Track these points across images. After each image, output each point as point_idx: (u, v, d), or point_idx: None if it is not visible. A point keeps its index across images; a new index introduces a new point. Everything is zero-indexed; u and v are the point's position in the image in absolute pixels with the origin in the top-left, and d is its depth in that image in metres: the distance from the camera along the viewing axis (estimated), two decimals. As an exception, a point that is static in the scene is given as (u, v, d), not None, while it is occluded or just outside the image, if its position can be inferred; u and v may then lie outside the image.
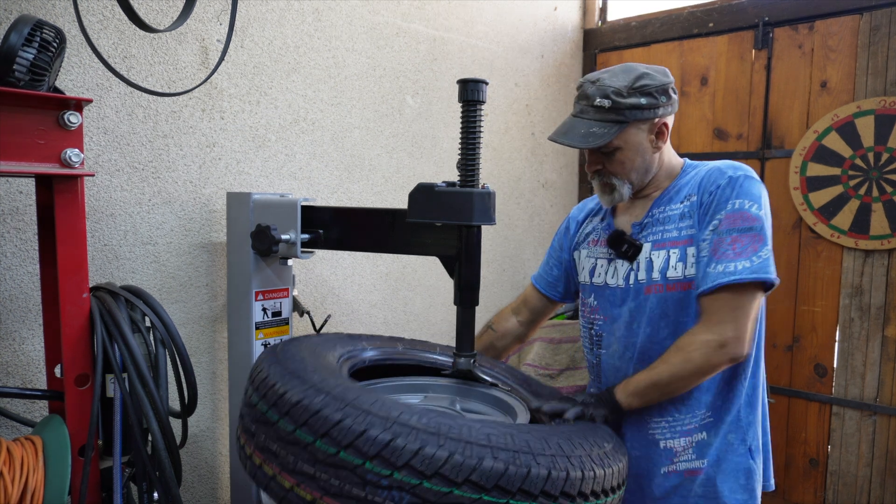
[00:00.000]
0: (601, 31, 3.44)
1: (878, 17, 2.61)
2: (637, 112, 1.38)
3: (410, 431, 0.96)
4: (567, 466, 1.01)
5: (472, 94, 1.35)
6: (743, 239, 1.26)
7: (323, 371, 1.17)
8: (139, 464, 1.31)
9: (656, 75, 1.40)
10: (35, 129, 1.13)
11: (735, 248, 1.26)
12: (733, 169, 1.36)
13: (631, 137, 1.41)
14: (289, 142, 2.10)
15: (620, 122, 1.38)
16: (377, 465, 0.94)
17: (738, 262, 1.25)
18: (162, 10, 1.74)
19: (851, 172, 2.68)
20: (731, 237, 1.27)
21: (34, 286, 1.55)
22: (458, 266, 1.40)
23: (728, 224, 1.29)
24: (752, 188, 1.33)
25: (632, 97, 1.37)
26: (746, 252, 1.25)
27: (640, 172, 1.45)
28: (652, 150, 1.44)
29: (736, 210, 1.29)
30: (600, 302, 1.54)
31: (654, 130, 1.42)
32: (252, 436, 1.12)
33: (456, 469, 0.93)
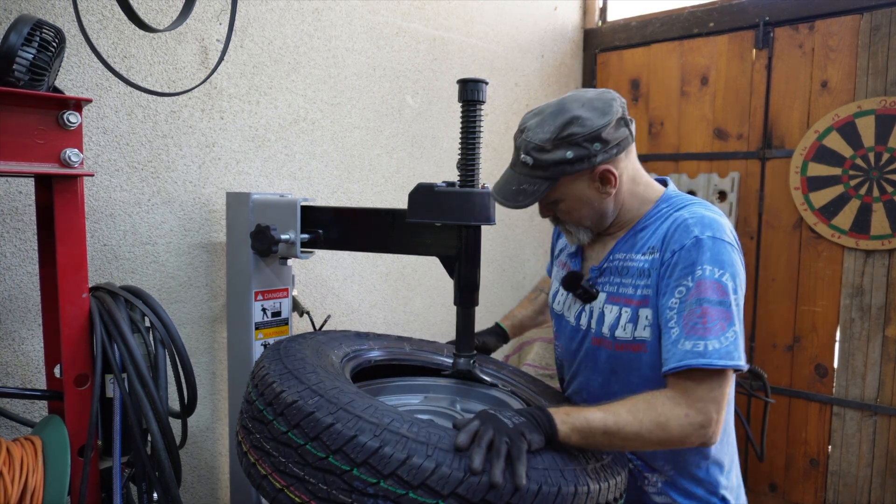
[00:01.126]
0: (601, 31, 3.44)
1: (879, 16, 2.61)
2: (565, 167, 1.22)
3: (399, 440, 0.95)
4: (559, 481, 0.98)
5: (472, 94, 1.35)
6: (713, 313, 1.12)
7: (322, 372, 1.16)
8: (139, 464, 1.31)
9: (589, 119, 1.20)
10: (35, 129, 1.13)
11: (705, 323, 1.12)
12: (701, 227, 1.19)
13: (568, 189, 1.27)
14: (288, 142, 2.10)
15: (547, 178, 1.24)
16: (364, 472, 0.93)
17: (709, 342, 1.11)
18: (162, 10, 1.74)
19: (852, 172, 2.68)
20: (700, 309, 1.13)
21: (34, 286, 1.55)
22: (458, 266, 1.40)
23: (697, 294, 1.14)
24: (722, 253, 1.17)
25: (557, 150, 1.21)
26: (715, 329, 1.12)
27: (594, 218, 1.32)
28: (601, 197, 1.28)
29: (705, 278, 1.14)
30: (559, 330, 1.48)
31: (595, 178, 1.25)
32: (248, 433, 1.13)
33: (443, 481, 0.91)
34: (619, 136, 1.23)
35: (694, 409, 1.10)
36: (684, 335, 1.13)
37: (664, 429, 1.09)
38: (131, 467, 1.33)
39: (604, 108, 1.21)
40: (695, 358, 1.11)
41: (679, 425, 1.10)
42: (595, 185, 1.26)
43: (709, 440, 1.11)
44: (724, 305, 1.13)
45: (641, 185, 1.33)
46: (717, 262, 1.15)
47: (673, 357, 1.14)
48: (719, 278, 1.14)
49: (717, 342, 1.10)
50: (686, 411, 1.10)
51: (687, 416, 1.10)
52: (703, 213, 1.22)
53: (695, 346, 1.11)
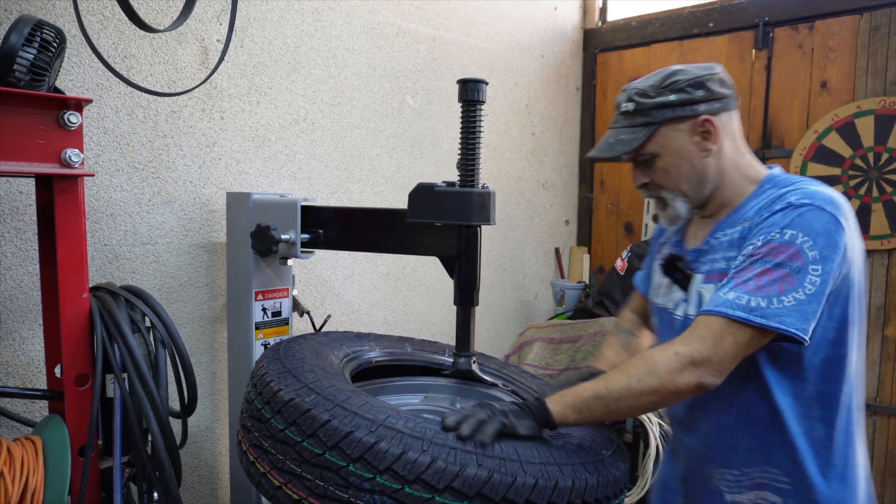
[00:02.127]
0: (601, 31, 3.44)
1: (878, 17, 2.61)
2: (666, 110, 1.19)
3: (395, 435, 0.95)
4: (557, 475, 0.98)
5: (472, 94, 1.35)
6: (773, 273, 1.04)
7: (320, 371, 1.17)
8: (139, 464, 1.31)
9: (691, 70, 1.21)
10: (35, 129, 1.13)
11: (759, 280, 1.04)
12: (800, 195, 1.10)
13: (668, 141, 1.21)
14: (289, 142, 2.10)
15: (649, 123, 1.21)
16: (360, 467, 0.94)
17: (754, 297, 1.03)
18: (162, 10, 1.74)
19: (851, 172, 2.68)
20: (761, 267, 1.06)
21: (34, 286, 1.55)
22: (457, 266, 1.40)
23: (764, 253, 1.07)
24: (815, 222, 1.06)
25: (660, 96, 1.20)
26: (769, 289, 1.04)
27: (693, 182, 1.23)
28: (700, 154, 1.21)
29: (784, 242, 1.06)
30: (660, 324, 1.37)
31: (696, 130, 1.20)
32: (248, 432, 1.13)
33: (438, 475, 0.92)
34: (723, 92, 1.21)
35: (687, 347, 1.02)
36: (732, 286, 1.06)
37: (652, 373, 1.03)
38: (131, 467, 1.33)
39: (706, 66, 1.23)
40: (728, 308, 1.03)
41: (666, 366, 1.02)
42: (695, 139, 1.20)
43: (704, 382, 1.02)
44: (793, 271, 1.04)
45: (745, 159, 1.25)
46: (805, 229, 1.06)
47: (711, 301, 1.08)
48: (800, 244, 1.05)
49: (764, 300, 1.03)
50: (677, 349, 1.03)
51: (677, 353, 1.03)
52: (810, 188, 1.12)
53: (737, 298, 1.04)
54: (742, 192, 1.24)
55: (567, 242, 3.55)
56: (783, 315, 1.03)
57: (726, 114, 1.23)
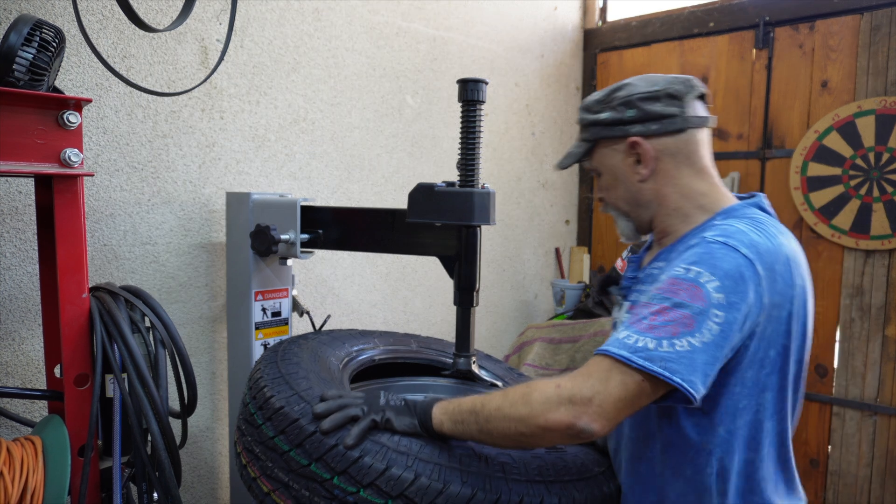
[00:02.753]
0: (601, 31, 3.44)
1: (879, 16, 2.61)
2: (599, 129, 1.15)
3: (379, 450, 0.95)
4: (543, 494, 0.97)
5: (472, 94, 1.35)
6: (670, 313, 0.92)
7: (314, 377, 1.17)
8: (139, 464, 1.31)
9: (638, 85, 1.12)
10: (35, 129, 1.13)
11: (653, 320, 0.93)
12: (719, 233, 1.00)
13: (604, 160, 1.18)
14: (288, 142, 2.10)
15: (587, 140, 1.18)
16: (344, 481, 0.94)
17: (643, 338, 0.91)
18: (162, 10, 1.74)
19: (852, 172, 2.68)
20: (659, 305, 0.94)
21: (34, 286, 1.55)
22: (457, 266, 1.40)
23: (665, 289, 0.96)
24: (724, 262, 0.95)
25: (598, 112, 1.15)
26: (662, 330, 0.91)
27: (631, 205, 1.17)
28: (634, 178, 1.14)
29: (687, 279, 0.95)
30: None
31: (629, 152, 1.13)
32: (242, 435, 1.14)
33: (421, 492, 0.91)
34: (663, 112, 1.09)
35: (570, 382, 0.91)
36: (627, 325, 0.95)
37: (527, 401, 0.92)
38: (131, 467, 1.33)
39: (655, 81, 1.12)
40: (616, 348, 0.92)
41: (544, 395, 0.91)
42: (629, 160, 1.14)
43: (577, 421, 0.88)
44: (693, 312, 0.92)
45: (701, 186, 1.13)
46: (710, 265, 0.95)
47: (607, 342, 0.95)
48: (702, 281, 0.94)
49: (652, 342, 0.90)
50: (558, 381, 0.92)
51: (558, 386, 0.91)
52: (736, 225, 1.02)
53: (627, 338, 0.92)
54: (690, 221, 1.12)
55: (567, 242, 3.54)
56: (669, 360, 0.89)
57: (673, 137, 1.11)
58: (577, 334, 2.74)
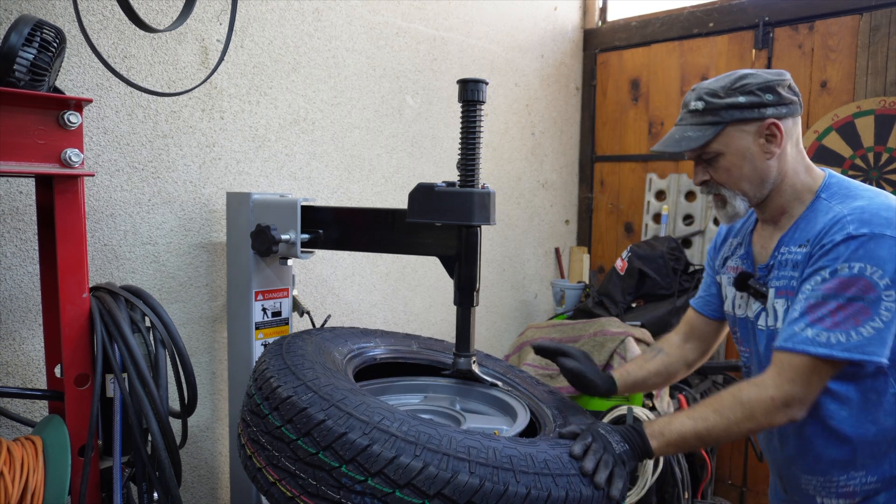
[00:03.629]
0: (601, 31, 3.44)
1: (878, 17, 2.61)
2: (734, 111, 1.24)
3: (388, 438, 0.95)
4: (550, 486, 0.97)
5: (472, 94, 1.35)
6: (848, 308, 1.10)
7: (320, 368, 1.17)
8: (139, 464, 1.31)
9: (762, 74, 1.26)
10: (35, 129, 1.13)
11: (835, 317, 1.11)
12: (859, 224, 1.14)
13: (733, 141, 1.27)
14: (289, 142, 2.10)
15: (716, 123, 1.26)
16: (352, 469, 0.94)
17: (833, 334, 1.10)
18: (162, 10, 1.74)
19: (851, 172, 2.68)
20: (835, 303, 1.12)
21: (34, 286, 1.55)
22: (457, 266, 1.40)
23: (836, 288, 1.12)
24: (879, 250, 1.11)
25: (729, 97, 1.25)
26: (846, 324, 1.10)
27: (753, 183, 1.29)
28: (763, 156, 1.26)
29: (854, 275, 1.11)
30: (743, 334, 1.43)
31: (762, 133, 1.25)
32: (247, 426, 1.14)
33: (429, 481, 0.92)
34: (790, 97, 1.25)
35: (779, 390, 1.12)
36: (809, 323, 1.13)
37: (751, 418, 1.13)
38: (131, 467, 1.33)
39: (776, 71, 1.26)
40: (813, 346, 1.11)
41: (764, 412, 1.13)
42: (760, 140, 1.26)
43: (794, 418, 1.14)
44: (866, 302, 1.10)
45: (804, 164, 1.30)
46: (871, 259, 1.11)
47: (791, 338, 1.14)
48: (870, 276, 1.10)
49: (843, 335, 1.10)
50: (771, 394, 1.12)
51: (772, 398, 1.12)
52: (863, 206, 1.17)
53: (817, 337, 1.11)
54: (801, 198, 1.29)
55: (567, 242, 3.55)
56: (865, 346, 1.10)
57: (791, 119, 1.27)
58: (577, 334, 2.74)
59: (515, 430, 1.25)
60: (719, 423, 1.14)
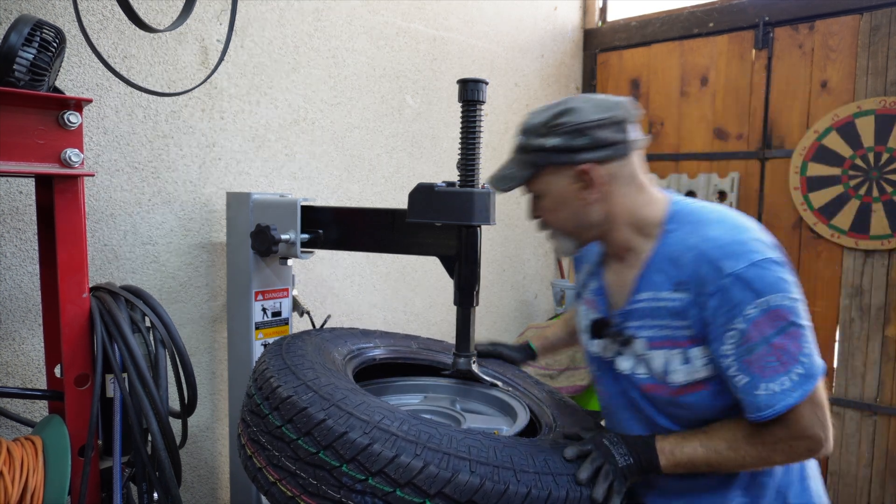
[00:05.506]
0: (601, 31, 3.44)
1: (879, 17, 2.61)
2: (545, 155, 1.14)
3: (388, 438, 0.95)
4: (551, 486, 0.97)
5: (472, 94, 1.35)
6: (785, 342, 1.03)
7: (320, 368, 1.17)
8: (139, 464, 1.31)
9: (585, 110, 1.12)
10: (35, 129, 1.13)
11: (781, 358, 1.03)
12: (733, 259, 1.04)
13: (550, 184, 1.17)
14: (289, 142, 2.10)
15: (532, 164, 1.17)
16: (353, 468, 0.94)
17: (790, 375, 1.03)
18: (162, 10, 1.74)
19: (851, 172, 2.68)
20: (771, 347, 1.03)
21: (34, 286, 1.55)
22: (457, 266, 1.40)
23: (759, 332, 1.03)
24: (766, 274, 1.03)
25: (544, 137, 1.14)
26: (793, 358, 1.03)
27: (577, 226, 1.19)
28: (580, 203, 1.16)
29: (765, 311, 1.03)
30: (599, 374, 1.30)
31: (577, 178, 1.14)
32: (247, 426, 1.14)
33: (430, 480, 0.92)
34: (613, 139, 1.12)
35: (801, 439, 1.06)
36: (762, 379, 1.04)
37: (769, 461, 1.09)
38: (131, 467, 1.33)
39: (603, 106, 1.12)
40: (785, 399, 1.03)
41: (785, 457, 1.08)
42: (575, 185, 1.15)
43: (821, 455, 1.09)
44: (792, 326, 1.03)
45: (643, 199, 1.18)
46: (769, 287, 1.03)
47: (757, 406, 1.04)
48: (780, 304, 1.03)
49: (800, 368, 1.03)
50: (791, 443, 1.06)
51: (792, 447, 1.07)
52: (720, 236, 1.08)
53: (782, 386, 1.03)
54: (645, 232, 1.17)
55: (567, 242, 3.54)
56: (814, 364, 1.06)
57: (618, 161, 1.14)
58: (576, 334, 2.73)
59: (515, 430, 1.25)
60: (734, 459, 1.08)
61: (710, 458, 1.08)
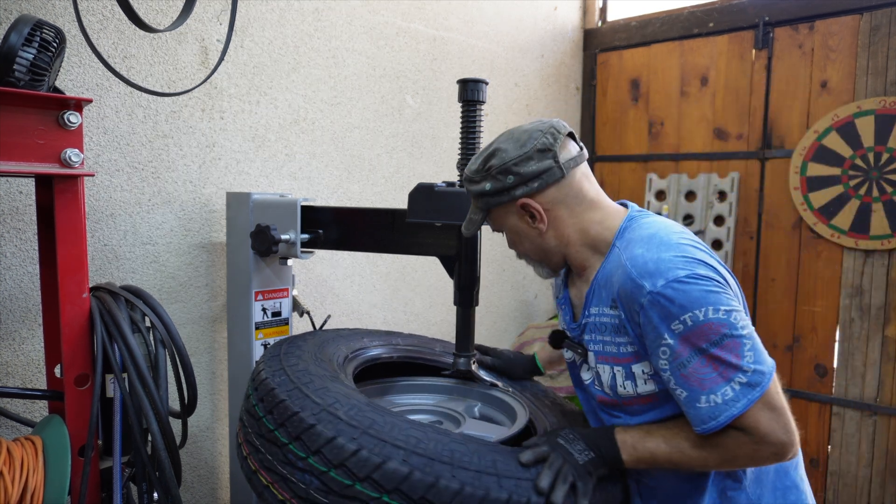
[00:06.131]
0: (601, 31, 3.44)
1: (879, 17, 2.61)
2: (486, 199, 1.18)
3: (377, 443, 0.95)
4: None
5: (472, 94, 1.36)
6: (721, 354, 1.00)
7: (315, 370, 1.17)
8: (139, 464, 1.31)
9: (505, 151, 1.15)
10: (35, 129, 1.13)
11: (718, 369, 1.01)
12: (647, 277, 1.04)
13: (504, 222, 1.22)
14: (289, 142, 2.10)
15: (482, 208, 1.21)
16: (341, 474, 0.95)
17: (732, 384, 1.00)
18: (162, 10, 1.74)
19: (851, 172, 2.68)
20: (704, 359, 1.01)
21: (34, 286, 1.55)
22: (457, 266, 1.41)
23: (689, 347, 1.01)
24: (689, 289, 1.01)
25: (480, 182, 1.18)
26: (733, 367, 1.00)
27: (540, 254, 1.23)
28: (535, 233, 1.19)
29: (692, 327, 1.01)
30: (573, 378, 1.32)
31: (523, 213, 1.17)
32: (244, 427, 1.15)
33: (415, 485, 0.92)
34: (540, 168, 1.13)
35: (763, 445, 1.02)
36: (702, 392, 1.02)
37: (732, 464, 1.07)
38: (131, 467, 1.33)
39: (523, 140, 1.15)
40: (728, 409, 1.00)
41: (749, 461, 1.06)
42: (524, 219, 1.18)
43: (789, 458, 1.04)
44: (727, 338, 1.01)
45: (596, 216, 1.18)
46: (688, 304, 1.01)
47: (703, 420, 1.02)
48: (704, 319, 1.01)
49: (742, 377, 1.00)
50: (754, 448, 1.02)
51: (756, 451, 1.03)
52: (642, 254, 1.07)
53: (724, 397, 1.00)
54: (598, 250, 1.19)
55: (567, 242, 3.54)
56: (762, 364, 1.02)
57: (555, 186, 1.15)
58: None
59: (513, 432, 1.25)
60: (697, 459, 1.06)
61: (672, 455, 1.07)
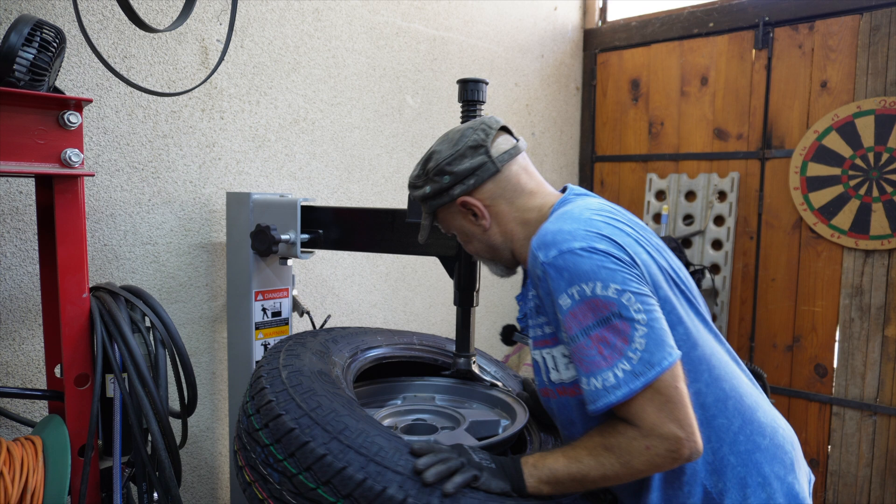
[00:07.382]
0: (601, 31, 3.44)
1: (879, 17, 2.61)
2: (430, 202, 1.19)
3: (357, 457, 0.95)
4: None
5: (472, 94, 1.36)
6: (606, 335, 0.95)
7: (308, 372, 1.17)
8: (139, 464, 1.31)
9: (439, 152, 1.16)
10: (35, 129, 1.13)
11: (603, 352, 0.96)
12: (545, 249, 1.01)
13: (451, 223, 1.22)
14: (289, 142, 2.10)
15: (428, 212, 1.22)
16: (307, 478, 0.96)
17: (615, 370, 0.94)
18: (162, 10, 1.74)
19: (851, 172, 2.68)
20: (588, 339, 0.97)
21: (34, 286, 1.55)
22: (457, 266, 1.41)
23: (576, 322, 0.97)
24: (581, 262, 0.97)
25: (422, 187, 1.19)
26: (617, 352, 0.95)
27: (491, 251, 1.22)
28: (479, 231, 1.19)
29: (580, 301, 0.96)
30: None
31: (465, 211, 1.17)
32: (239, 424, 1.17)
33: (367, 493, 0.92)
34: (473, 164, 1.13)
35: (654, 439, 0.95)
36: (584, 373, 0.97)
37: (630, 466, 0.97)
38: (131, 467, 1.33)
39: (455, 139, 1.16)
40: (608, 395, 0.95)
41: (645, 460, 0.96)
42: (467, 217, 1.18)
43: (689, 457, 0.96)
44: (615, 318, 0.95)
45: (538, 205, 1.17)
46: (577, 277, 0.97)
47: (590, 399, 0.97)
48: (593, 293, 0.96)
49: (625, 364, 0.94)
50: (645, 443, 0.95)
51: (648, 448, 0.95)
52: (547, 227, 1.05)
53: (605, 382, 0.95)
54: None
55: (567, 242, 3.54)
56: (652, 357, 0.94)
57: (491, 181, 1.15)
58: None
59: (513, 431, 1.25)
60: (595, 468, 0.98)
61: (571, 468, 1.00)
